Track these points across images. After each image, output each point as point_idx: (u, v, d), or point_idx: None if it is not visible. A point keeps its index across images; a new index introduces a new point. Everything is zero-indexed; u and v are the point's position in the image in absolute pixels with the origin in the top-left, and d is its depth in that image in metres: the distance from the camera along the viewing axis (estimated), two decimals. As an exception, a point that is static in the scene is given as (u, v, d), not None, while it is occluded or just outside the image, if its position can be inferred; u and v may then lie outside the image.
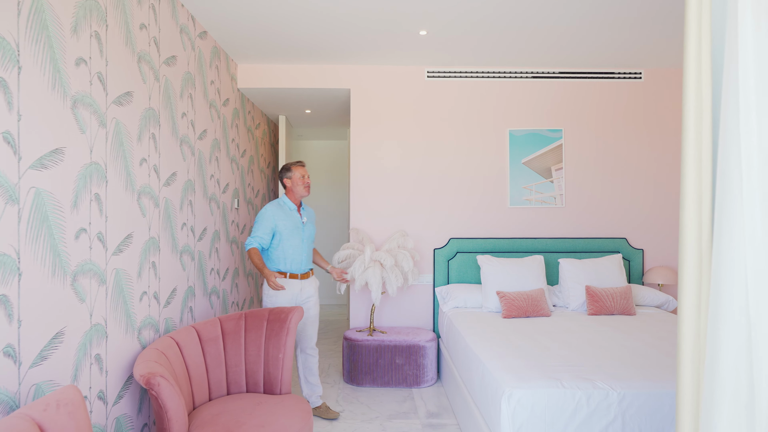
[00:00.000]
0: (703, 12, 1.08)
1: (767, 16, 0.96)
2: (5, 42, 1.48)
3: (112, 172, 2.09)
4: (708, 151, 1.07)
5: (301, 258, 3.03)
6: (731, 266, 0.98)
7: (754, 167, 0.96)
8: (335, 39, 3.46)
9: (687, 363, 1.11)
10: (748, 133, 0.96)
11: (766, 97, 0.96)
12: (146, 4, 2.40)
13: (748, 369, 0.97)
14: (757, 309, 0.97)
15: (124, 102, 2.19)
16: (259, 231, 2.93)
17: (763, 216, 0.96)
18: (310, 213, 3.23)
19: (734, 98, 0.97)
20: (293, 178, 3.05)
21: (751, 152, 0.97)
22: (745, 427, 0.99)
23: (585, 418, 2.03)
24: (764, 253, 0.96)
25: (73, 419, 1.36)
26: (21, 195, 1.55)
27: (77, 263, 1.84)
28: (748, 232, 0.97)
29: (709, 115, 1.07)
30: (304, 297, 3.05)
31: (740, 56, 0.96)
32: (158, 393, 1.96)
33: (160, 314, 2.56)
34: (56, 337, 1.73)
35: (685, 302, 1.10)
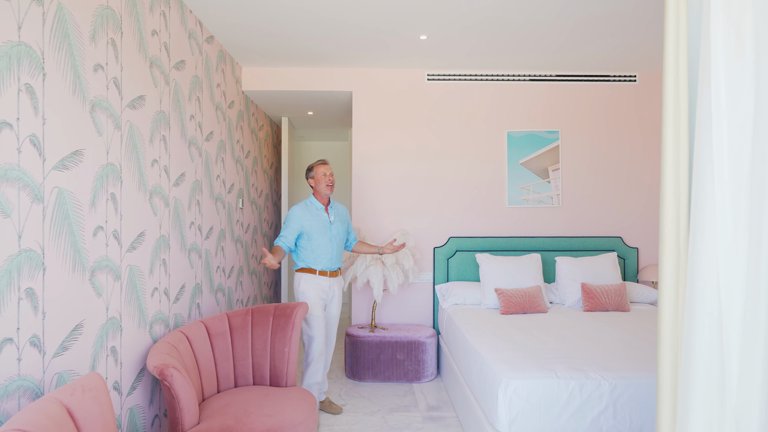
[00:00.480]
0: (680, 21, 1.18)
1: (736, 27, 1.05)
2: (32, 51, 1.58)
3: (126, 172, 2.19)
4: (685, 154, 1.17)
5: (330, 256, 3.06)
6: (705, 260, 1.08)
7: (725, 170, 1.06)
8: (337, 43, 3.56)
9: (666, 349, 1.21)
10: (720, 138, 1.06)
11: (736, 104, 1.05)
12: (157, 11, 2.50)
13: (720, 353, 1.07)
14: (728, 297, 1.06)
15: (137, 105, 2.29)
16: (285, 231, 3.00)
17: (733, 215, 1.06)
18: (341, 211, 3.22)
19: (707, 105, 1.07)
20: (316, 177, 3.08)
21: (722, 156, 1.06)
22: (717, 408, 1.09)
23: (578, 406, 2.12)
24: (734, 248, 1.06)
25: (97, 403, 1.46)
26: (45, 194, 1.65)
27: (95, 259, 1.94)
28: (720, 229, 1.06)
29: (686, 120, 1.17)
30: (331, 295, 3.11)
31: (712, 66, 1.06)
32: (171, 383, 2.06)
33: (170, 310, 2.65)
34: (76, 329, 1.82)
35: (665, 293, 1.20)
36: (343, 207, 3.27)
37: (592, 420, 2.12)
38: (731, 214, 1.06)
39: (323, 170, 3.08)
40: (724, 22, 1.06)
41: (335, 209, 3.18)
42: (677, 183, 1.17)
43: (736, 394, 1.07)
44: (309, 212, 3.05)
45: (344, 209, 3.27)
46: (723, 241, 1.06)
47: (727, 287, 1.06)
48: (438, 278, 4.13)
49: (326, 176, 3.07)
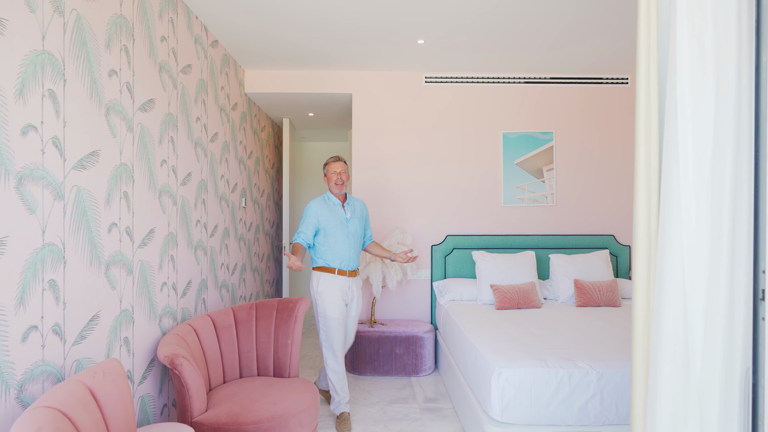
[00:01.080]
0: (651, 35, 1.30)
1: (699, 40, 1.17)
2: (54, 59, 1.69)
3: (138, 172, 2.30)
4: (655, 155, 1.28)
5: (348, 254, 2.94)
6: (672, 250, 1.19)
7: (689, 170, 1.18)
8: (338, 47, 3.68)
9: (639, 334, 1.32)
10: (684, 141, 1.17)
11: (699, 110, 1.17)
12: (166, 18, 2.61)
13: (684, 333, 1.18)
14: (692, 285, 1.18)
15: (148, 108, 2.40)
16: (302, 226, 2.91)
17: (697, 209, 1.17)
18: (358, 207, 3.10)
19: (673, 110, 1.19)
20: (327, 174, 3.02)
21: (687, 157, 1.18)
22: (683, 387, 1.20)
23: (567, 394, 2.24)
24: (697, 239, 1.17)
25: (116, 386, 1.57)
26: (65, 192, 1.76)
27: (110, 254, 2.05)
28: (685, 222, 1.18)
29: (656, 124, 1.28)
30: (351, 296, 2.98)
31: (678, 75, 1.18)
32: (181, 372, 2.18)
33: (178, 304, 2.76)
34: (93, 319, 1.93)
35: (638, 281, 1.31)
36: (361, 203, 3.16)
37: (580, 407, 2.24)
38: (695, 208, 1.17)
39: (333, 167, 3.00)
40: (688, 37, 1.18)
41: (352, 205, 3.06)
42: (648, 181, 1.29)
43: (699, 375, 1.18)
44: (326, 207, 2.97)
45: (362, 205, 3.15)
46: (687, 233, 1.17)
47: (690, 276, 1.18)
48: (435, 275, 4.25)
49: (336, 174, 2.98)
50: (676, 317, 1.19)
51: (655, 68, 1.29)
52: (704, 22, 1.14)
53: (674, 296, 1.19)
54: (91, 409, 1.44)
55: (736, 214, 1.12)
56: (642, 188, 1.30)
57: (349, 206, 3.04)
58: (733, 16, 1.10)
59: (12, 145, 1.49)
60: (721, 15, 1.13)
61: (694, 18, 1.15)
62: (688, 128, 1.18)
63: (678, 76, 1.18)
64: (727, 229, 1.13)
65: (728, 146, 1.13)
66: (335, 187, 2.98)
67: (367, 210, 3.12)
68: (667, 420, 1.20)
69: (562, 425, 2.24)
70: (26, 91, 1.56)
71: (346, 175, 3.02)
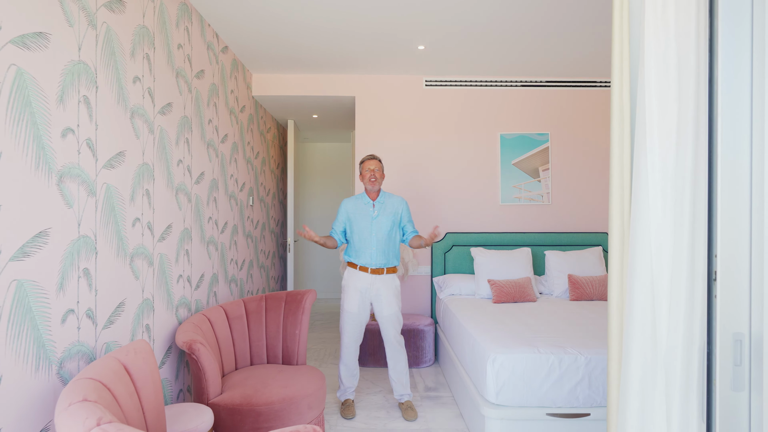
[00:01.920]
0: (623, 50, 1.46)
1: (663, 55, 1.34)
2: (88, 68, 1.87)
3: (158, 171, 2.47)
4: (628, 154, 1.45)
5: (370, 252, 3.01)
6: (641, 236, 1.36)
7: (656, 166, 1.34)
8: (341, 52, 3.85)
9: (614, 311, 1.49)
10: (651, 142, 1.34)
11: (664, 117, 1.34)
12: (182, 27, 2.78)
13: (651, 308, 1.35)
14: (659, 266, 1.35)
15: (166, 112, 2.57)
16: (334, 222, 3.14)
17: (662, 201, 1.34)
18: (390, 205, 3.10)
19: (642, 116, 1.35)
20: (361, 172, 3.12)
21: (654, 155, 1.34)
22: (651, 356, 1.37)
23: (557, 378, 2.40)
24: (662, 228, 1.34)
25: (146, 363, 1.74)
26: (97, 189, 1.93)
27: (134, 246, 2.22)
28: (652, 211, 1.34)
29: (628, 127, 1.45)
30: (374, 293, 3.03)
31: (646, 86, 1.34)
32: (198, 357, 2.34)
33: (192, 295, 2.93)
34: (119, 306, 2.10)
35: (614, 263, 1.48)
36: (398, 199, 3.15)
37: (570, 389, 2.40)
38: (661, 202, 1.34)
39: (368, 165, 3.08)
40: (655, 54, 1.35)
41: (383, 203, 3.09)
42: (622, 178, 1.45)
43: (665, 345, 1.34)
44: (356, 205, 3.09)
45: (398, 201, 3.14)
46: (654, 223, 1.34)
47: (657, 260, 1.34)
48: (436, 271, 4.41)
49: (370, 171, 3.06)
50: (645, 296, 1.35)
51: (627, 80, 1.45)
52: (668, 41, 1.30)
53: (643, 278, 1.36)
54: (126, 382, 1.61)
55: (695, 207, 1.29)
56: (616, 184, 1.47)
57: (379, 205, 3.08)
58: (692, 36, 1.27)
59: (54, 146, 1.67)
60: (683, 35, 1.29)
61: (660, 37, 1.32)
62: (654, 133, 1.35)
63: (646, 89, 1.35)
64: (687, 220, 1.29)
65: (689, 149, 1.30)
66: (369, 183, 3.06)
67: (406, 205, 3.17)
68: (637, 385, 1.37)
69: (552, 407, 2.41)
70: (65, 97, 1.73)
71: (380, 173, 3.09)
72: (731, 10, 1.22)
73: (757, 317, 1.16)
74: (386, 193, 3.17)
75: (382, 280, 3.04)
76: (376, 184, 3.07)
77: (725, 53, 1.22)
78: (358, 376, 3.19)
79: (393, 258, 3.08)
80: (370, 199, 3.10)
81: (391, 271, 3.07)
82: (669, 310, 1.33)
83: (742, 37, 1.20)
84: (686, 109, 1.30)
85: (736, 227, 1.20)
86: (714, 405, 1.23)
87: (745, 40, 1.20)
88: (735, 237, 1.20)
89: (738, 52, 1.21)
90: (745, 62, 1.19)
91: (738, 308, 1.19)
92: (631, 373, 1.37)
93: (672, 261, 1.34)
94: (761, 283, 1.15)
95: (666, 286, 1.34)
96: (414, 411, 3.01)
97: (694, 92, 1.28)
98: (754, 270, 1.17)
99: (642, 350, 1.37)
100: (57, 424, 1.28)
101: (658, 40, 1.33)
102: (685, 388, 1.30)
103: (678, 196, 1.32)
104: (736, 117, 1.21)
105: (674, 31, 1.29)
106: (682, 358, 1.31)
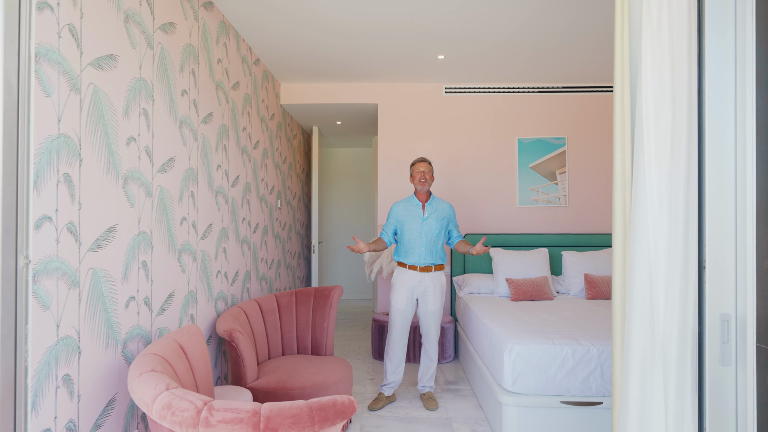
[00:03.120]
0: (624, 62, 1.63)
1: (659, 69, 1.50)
2: (147, 84, 2.11)
3: (200, 175, 2.71)
4: (629, 155, 1.61)
5: (418, 251, 3.15)
6: (640, 231, 1.52)
7: (653, 167, 1.50)
8: (365, 62, 4.07)
9: (618, 300, 1.65)
10: (649, 146, 1.50)
11: (659, 123, 1.50)
12: (221, 43, 3.04)
13: (650, 295, 1.51)
14: (656, 256, 1.50)
15: (208, 121, 2.82)
16: (385, 225, 3.29)
17: (658, 197, 1.50)
18: (441, 209, 3.24)
19: (640, 122, 1.52)
20: (412, 174, 3.24)
21: (651, 157, 1.51)
22: (650, 337, 1.52)
23: (571, 367, 2.55)
24: (658, 222, 1.50)
25: (198, 344, 1.96)
26: (153, 191, 2.17)
27: (181, 243, 2.46)
28: (649, 206, 1.50)
29: (629, 132, 1.61)
30: (422, 290, 3.18)
31: (644, 95, 1.51)
32: (237, 344, 2.57)
33: (228, 290, 3.17)
34: (170, 296, 2.34)
35: (617, 256, 1.64)
36: (446, 204, 3.31)
37: (583, 379, 2.54)
38: (657, 198, 1.50)
39: (418, 167, 3.21)
40: (651, 67, 1.51)
41: (433, 206, 3.23)
42: (623, 176, 1.62)
43: (662, 328, 1.50)
44: (406, 207, 3.23)
45: (447, 206, 3.29)
46: (652, 218, 1.50)
47: (655, 251, 1.50)
48: (455, 271, 4.58)
49: (420, 173, 3.19)
50: (644, 284, 1.51)
51: (628, 89, 1.62)
52: (662, 56, 1.47)
53: (642, 268, 1.52)
54: (183, 359, 1.83)
55: (687, 205, 1.45)
56: (618, 184, 1.63)
57: (429, 207, 3.22)
58: (684, 53, 1.43)
59: (120, 152, 1.91)
60: (676, 52, 1.46)
61: (656, 54, 1.49)
62: (651, 138, 1.51)
63: (644, 97, 1.52)
64: (681, 216, 1.45)
65: (682, 150, 1.46)
66: (419, 184, 3.19)
67: (453, 211, 3.33)
68: (637, 365, 1.52)
69: (566, 395, 2.55)
70: (129, 110, 1.97)
71: (430, 175, 3.22)
72: (717, 31, 1.38)
73: (742, 300, 1.31)
74: (436, 197, 3.31)
75: (430, 278, 3.18)
76: (425, 185, 3.20)
77: (712, 69, 1.38)
78: (402, 373, 3.26)
79: (440, 257, 3.22)
80: (419, 201, 3.23)
81: (439, 269, 3.22)
82: (665, 296, 1.49)
83: (726, 54, 1.36)
84: (680, 118, 1.46)
85: (722, 222, 1.36)
86: (704, 379, 1.38)
87: (729, 58, 1.35)
88: (722, 231, 1.36)
89: (723, 68, 1.37)
90: (729, 77, 1.35)
91: (725, 292, 1.35)
92: (632, 353, 1.53)
93: (668, 253, 1.50)
94: (744, 270, 1.31)
95: (662, 275, 1.50)
96: (435, 401, 3.19)
97: (686, 103, 1.44)
98: (738, 259, 1.32)
99: (641, 333, 1.53)
100: (131, 389, 1.51)
101: (654, 56, 1.49)
102: (680, 366, 1.45)
103: (673, 195, 1.48)
104: (722, 125, 1.36)
105: (668, 49, 1.46)
106: (678, 339, 1.47)
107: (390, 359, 3.25)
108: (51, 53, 1.52)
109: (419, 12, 3.10)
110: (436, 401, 3.21)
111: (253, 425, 1.33)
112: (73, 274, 1.63)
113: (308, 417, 1.38)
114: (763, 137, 1.25)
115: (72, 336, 1.62)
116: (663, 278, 1.49)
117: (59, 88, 1.55)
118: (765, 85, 1.25)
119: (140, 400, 1.45)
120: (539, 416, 2.54)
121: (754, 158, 1.27)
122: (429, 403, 3.17)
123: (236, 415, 1.33)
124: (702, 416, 1.41)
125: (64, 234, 1.58)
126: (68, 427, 1.61)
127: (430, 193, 3.29)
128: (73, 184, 1.63)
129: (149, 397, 1.42)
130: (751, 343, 1.29)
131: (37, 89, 1.46)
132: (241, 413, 1.34)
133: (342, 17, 3.17)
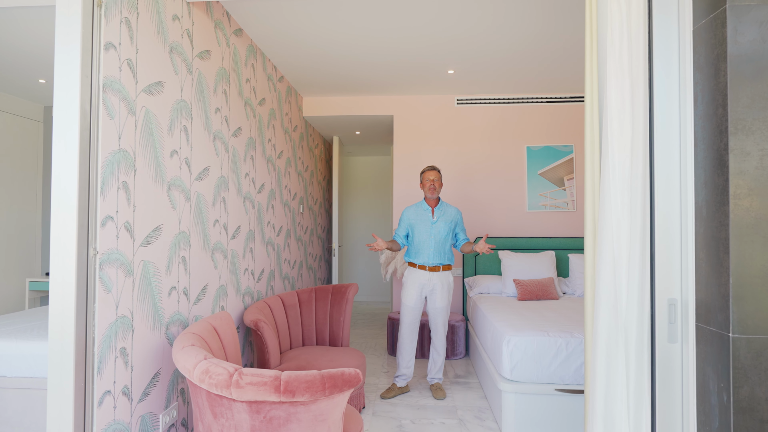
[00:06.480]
0: (593, 80, 1.88)
1: (620, 89, 1.75)
2: (186, 104, 2.46)
3: (231, 182, 3.05)
4: (597, 161, 1.85)
5: (428, 252, 3.41)
6: (606, 228, 1.76)
7: (616, 171, 1.75)
8: (381, 77, 4.38)
9: (589, 290, 1.88)
10: (613, 153, 1.75)
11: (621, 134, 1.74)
12: (249, 64, 3.39)
13: (614, 285, 1.74)
14: (618, 247, 1.74)
15: (237, 134, 3.16)
16: (397, 228, 3.56)
17: (621, 198, 1.74)
18: (450, 213, 3.48)
19: (606, 133, 1.77)
20: (422, 181, 3.50)
21: (615, 163, 1.75)
22: (614, 322, 1.76)
23: (565, 358, 2.76)
24: (620, 218, 1.74)
25: (229, 328, 2.28)
26: (191, 197, 2.51)
27: (214, 242, 2.79)
28: (614, 206, 1.75)
29: (597, 140, 1.85)
30: (430, 288, 3.44)
31: (609, 111, 1.76)
32: (262, 333, 2.88)
33: (254, 287, 3.49)
34: (204, 288, 2.67)
35: (588, 252, 1.88)
36: (454, 209, 3.53)
37: (576, 368, 2.76)
38: (620, 197, 1.74)
39: (427, 176, 3.48)
40: (615, 85, 1.76)
41: (442, 210, 3.47)
42: (593, 179, 1.86)
43: (624, 311, 1.73)
44: (416, 211, 3.49)
45: (455, 211, 3.52)
46: (615, 214, 1.74)
47: (618, 244, 1.74)
48: (467, 272, 4.81)
49: (430, 180, 3.45)
50: (609, 274, 1.75)
51: (597, 107, 1.87)
52: (623, 78, 1.72)
53: (608, 260, 1.75)
54: (216, 339, 2.15)
55: (643, 201, 1.69)
56: (589, 187, 1.87)
57: (438, 210, 3.47)
58: (641, 77, 1.67)
59: (165, 163, 2.25)
60: (635, 75, 1.70)
61: (617, 74, 1.74)
62: (615, 148, 1.75)
63: (609, 112, 1.77)
64: (639, 214, 1.69)
65: (639, 159, 1.70)
66: (428, 191, 3.45)
67: (461, 215, 3.56)
68: (604, 347, 1.76)
69: (560, 383, 2.77)
70: (173, 127, 2.32)
71: (439, 182, 3.48)
72: (664, 59, 1.62)
73: (685, 286, 1.54)
74: (444, 202, 3.55)
75: (438, 277, 3.43)
76: (435, 192, 3.46)
77: (659, 91, 1.62)
78: (413, 367, 3.51)
79: (447, 258, 3.47)
80: (429, 206, 3.48)
81: (447, 269, 3.47)
82: (627, 285, 1.73)
83: (671, 78, 1.60)
84: (638, 133, 1.71)
85: (669, 221, 1.59)
86: (656, 354, 1.61)
87: (673, 82, 1.60)
88: (668, 228, 1.59)
89: (668, 90, 1.61)
90: (674, 97, 1.59)
91: (671, 280, 1.58)
92: (599, 337, 1.77)
93: (629, 248, 1.73)
94: (687, 261, 1.54)
95: (624, 267, 1.74)
96: (443, 391, 3.43)
97: (642, 117, 1.68)
98: (682, 251, 1.55)
99: (607, 318, 1.77)
100: (176, 359, 1.82)
101: (617, 79, 1.74)
102: (639, 345, 1.69)
103: (633, 195, 1.72)
104: (668, 139, 1.60)
105: (628, 73, 1.71)
106: (637, 322, 1.70)
107: (401, 353, 3.51)
108: (114, 83, 1.86)
109: (430, 34, 3.39)
110: (444, 391, 3.45)
111: (274, 387, 1.62)
112: (129, 264, 1.97)
113: (320, 383, 1.67)
114: (700, 149, 1.49)
115: (127, 316, 1.96)
116: (624, 269, 1.73)
117: (119, 112, 1.90)
118: (701, 105, 1.49)
119: (183, 367, 1.76)
120: (535, 402, 2.77)
121: (692, 167, 1.51)
122: (437, 393, 3.42)
123: (261, 379, 1.63)
124: (654, 387, 1.64)
125: (122, 231, 1.92)
126: (123, 391, 1.94)
127: (439, 198, 3.55)
128: (129, 190, 1.97)
129: (191, 364, 1.73)
130: (692, 322, 1.51)
131: (104, 113, 1.80)
132: (266, 377, 1.63)
133: (357, 40, 3.49)
